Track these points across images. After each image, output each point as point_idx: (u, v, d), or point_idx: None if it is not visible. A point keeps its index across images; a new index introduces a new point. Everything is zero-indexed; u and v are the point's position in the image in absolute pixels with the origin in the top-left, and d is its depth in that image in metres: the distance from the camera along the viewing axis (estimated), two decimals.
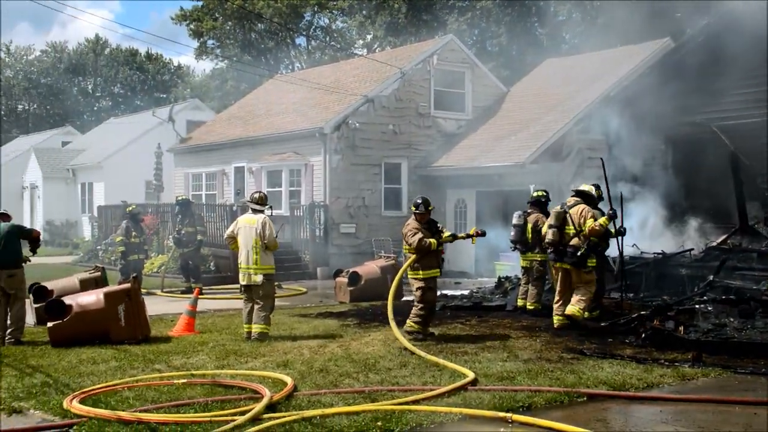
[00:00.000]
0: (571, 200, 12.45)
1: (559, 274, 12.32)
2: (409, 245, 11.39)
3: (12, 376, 9.21)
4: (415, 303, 11.56)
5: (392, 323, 11.11)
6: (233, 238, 11.95)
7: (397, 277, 12.30)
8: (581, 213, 12.01)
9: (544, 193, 14.19)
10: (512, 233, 14.05)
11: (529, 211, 14.09)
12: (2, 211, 12.46)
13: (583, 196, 12.43)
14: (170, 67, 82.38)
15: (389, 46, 43.72)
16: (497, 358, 9.94)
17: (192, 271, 19.73)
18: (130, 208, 19.34)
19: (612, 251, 13.25)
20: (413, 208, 11.72)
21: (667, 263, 15.19)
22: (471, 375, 8.73)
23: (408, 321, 11.48)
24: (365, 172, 24.23)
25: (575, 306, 11.81)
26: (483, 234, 12.28)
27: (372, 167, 24.38)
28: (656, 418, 7.49)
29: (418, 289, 11.50)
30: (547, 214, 13.47)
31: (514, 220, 14.05)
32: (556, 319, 12.16)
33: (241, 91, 50.76)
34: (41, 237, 12.30)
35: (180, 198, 21.12)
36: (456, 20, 41.70)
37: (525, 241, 13.90)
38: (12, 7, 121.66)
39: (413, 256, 11.40)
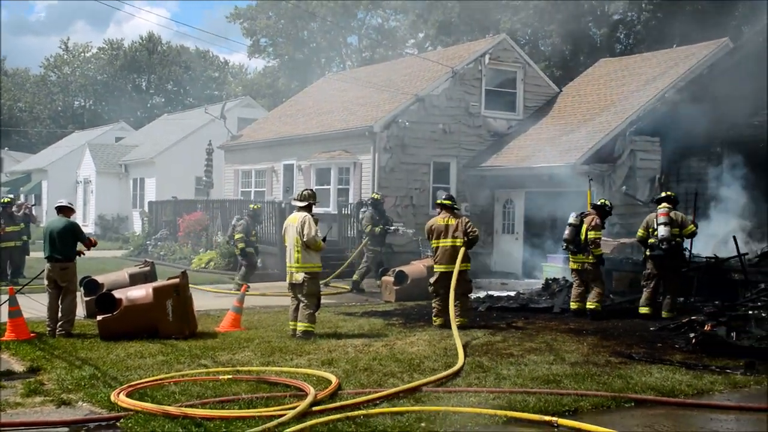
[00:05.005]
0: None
1: None
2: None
3: (62, 368, 9.35)
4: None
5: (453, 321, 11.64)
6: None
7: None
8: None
9: (609, 203, 14.41)
10: (566, 232, 13.95)
11: (587, 212, 14.02)
12: (65, 204, 12.51)
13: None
14: (218, 63, 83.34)
15: (441, 45, 43.56)
16: (543, 360, 9.82)
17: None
18: (256, 206, 19.64)
19: None
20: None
21: (719, 268, 14.85)
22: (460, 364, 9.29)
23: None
24: (414, 171, 24.16)
25: None
26: None
27: (421, 166, 24.30)
28: (707, 426, 7.32)
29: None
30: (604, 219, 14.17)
31: (570, 219, 13.97)
32: None
33: (293, 89, 51.13)
34: (93, 245, 12.42)
35: (373, 197, 20.15)
36: (509, 19, 41.39)
37: (578, 242, 13.78)
38: (70, 5, 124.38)
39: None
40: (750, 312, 11.86)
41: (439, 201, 13.14)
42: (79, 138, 52.96)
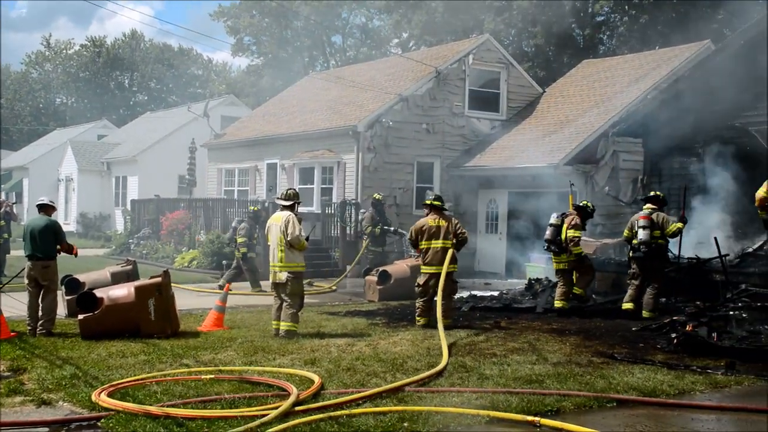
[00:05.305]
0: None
1: None
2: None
3: (42, 367, 9.28)
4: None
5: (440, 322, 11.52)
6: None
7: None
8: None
9: (591, 205, 14.48)
10: (547, 232, 14.01)
11: (568, 213, 14.09)
12: (46, 202, 12.38)
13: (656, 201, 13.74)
14: (201, 61, 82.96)
15: (425, 45, 43.58)
16: (526, 360, 9.83)
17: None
18: (255, 208, 19.46)
19: None
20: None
21: (701, 269, 14.93)
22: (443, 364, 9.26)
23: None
24: (398, 170, 24.18)
25: None
26: None
27: (405, 166, 24.32)
28: (688, 425, 7.35)
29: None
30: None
31: (552, 220, 14.03)
32: None
33: (276, 88, 51.01)
34: (74, 251, 12.34)
35: (375, 198, 20.47)
36: (493, 20, 41.47)
37: (559, 242, 13.84)
38: (52, 2, 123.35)
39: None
40: (730, 312, 11.92)
41: (428, 201, 13.04)
42: (61, 135, 52.61)
